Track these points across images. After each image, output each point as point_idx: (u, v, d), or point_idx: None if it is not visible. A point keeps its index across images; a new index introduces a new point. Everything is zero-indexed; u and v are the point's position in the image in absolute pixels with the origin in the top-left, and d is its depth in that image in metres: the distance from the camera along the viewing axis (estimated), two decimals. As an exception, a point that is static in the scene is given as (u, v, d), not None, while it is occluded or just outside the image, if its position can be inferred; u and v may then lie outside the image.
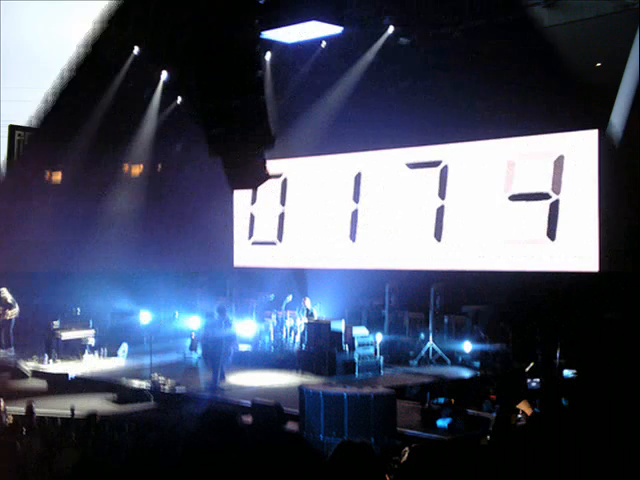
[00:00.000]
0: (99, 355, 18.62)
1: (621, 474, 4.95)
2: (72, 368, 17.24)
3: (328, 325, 16.55)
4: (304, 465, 4.78)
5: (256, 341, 18.49)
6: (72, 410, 11.70)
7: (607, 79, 15.51)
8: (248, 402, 11.71)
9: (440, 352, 17.28)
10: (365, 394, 11.33)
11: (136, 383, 15.65)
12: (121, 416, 13.11)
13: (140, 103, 21.96)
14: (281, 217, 22.13)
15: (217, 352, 14.95)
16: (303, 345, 17.13)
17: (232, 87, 7.51)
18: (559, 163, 16.78)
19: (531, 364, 14.30)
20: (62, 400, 14.40)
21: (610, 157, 16.03)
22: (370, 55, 18.63)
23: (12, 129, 22.10)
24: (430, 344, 17.49)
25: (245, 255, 23.06)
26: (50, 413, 12.66)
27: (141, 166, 23.68)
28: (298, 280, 20.26)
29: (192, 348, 17.58)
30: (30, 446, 8.64)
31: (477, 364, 16.45)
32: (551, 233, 16.79)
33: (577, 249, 16.43)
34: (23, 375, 17.55)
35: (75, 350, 18.46)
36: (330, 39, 18.02)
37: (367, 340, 16.64)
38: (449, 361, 17.12)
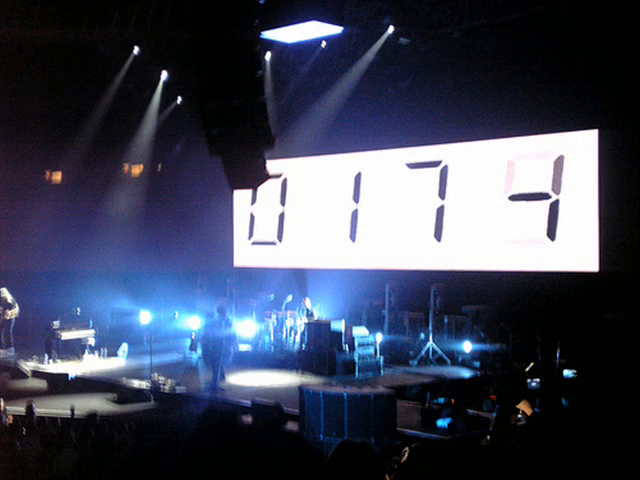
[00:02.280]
0: (99, 355, 18.61)
1: (621, 474, 4.95)
2: (72, 368, 17.24)
3: (328, 325, 16.55)
4: (304, 465, 4.78)
5: (256, 341, 18.48)
6: (72, 410, 11.71)
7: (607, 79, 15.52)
8: (248, 402, 11.70)
9: (440, 352, 17.27)
10: (365, 394, 11.32)
11: (136, 383, 15.65)
12: (121, 416, 13.12)
13: (140, 103, 21.97)
14: (281, 217, 22.14)
15: (217, 352, 14.93)
16: (303, 345, 17.13)
17: (232, 87, 7.50)
18: (559, 163, 16.78)
19: (531, 364, 14.30)
20: (62, 400, 14.40)
21: (610, 157, 16.04)
22: (370, 55, 18.63)
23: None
24: (430, 344, 17.48)
25: (245, 255, 23.07)
26: (50, 413, 12.67)
27: (141, 166, 23.70)
28: (298, 280, 20.26)
29: (192, 348, 17.57)
30: (30, 446, 8.64)
31: (477, 364, 16.44)
32: (551, 233, 16.79)
33: (577, 249, 16.44)
34: (23, 375, 17.55)
35: (75, 350, 18.45)
36: (330, 39, 18.01)
37: (367, 340, 16.63)
38: (449, 361, 17.11)
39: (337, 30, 14.18)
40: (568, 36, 15.48)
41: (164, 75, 21.78)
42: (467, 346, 16.98)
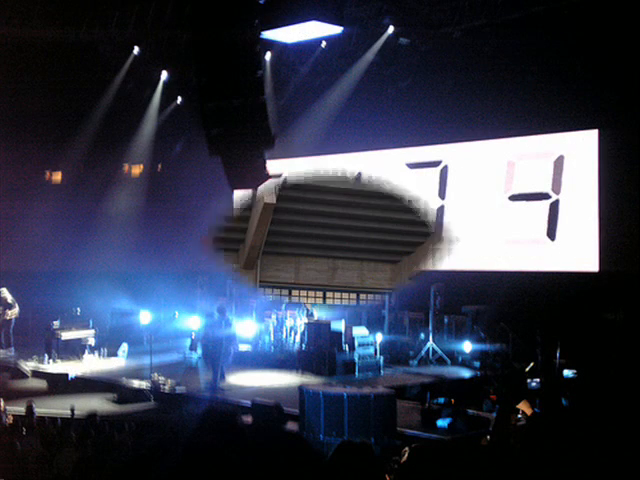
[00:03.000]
0: (99, 355, 18.60)
1: (621, 474, 4.95)
2: (72, 368, 17.22)
3: (328, 325, 16.55)
4: (304, 465, 4.78)
5: (256, 341, 18.46)
6: (72, 410, 11.69)
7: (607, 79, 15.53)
8: (248, 402, 11.69)
9: (440, 352, 17.27)
10: (365, 394, 11.31)
11: (136, 383, 15.64)
12: (121, 416, 13.11)
13: (140, 103, 21.97)
14: (281, 217, 22.10)
15: (217, 352, 14.93)
16: (303, 345, 17.13)
17: (232, 87, 7.51)
18: (559, 163, 16.78)
19: (531, 364, 14.30)
20: (62, 400, 14.39)
21: (610, 157, 16.04)
22: (370, 55, 18.64)
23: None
24: (430, 344, 17.48)
25: (245, 255, 23.02)
26: (50, 413, 12.65)
27: (141, 166, 23.69)
28: (298, 280, 20.24)
29: (192, 348, 17.56)
30: (30, 446, 8.64)
31: (477, 364, 16.45)
32: (551, 233, 16.79)
33: (577, 249, 16.44)
34: (23, 375, 17.54)
35: (75, 350, 18.44)
36: (330, 39, 18.02)
37: (367, 340, 16.63)
38: (449, 361, 17.11)
39: (337, 30, 14.20)
40: (568, 36, 15.49)
41: (164, 75, 21.78)
42: (467, 346, 16.98)
